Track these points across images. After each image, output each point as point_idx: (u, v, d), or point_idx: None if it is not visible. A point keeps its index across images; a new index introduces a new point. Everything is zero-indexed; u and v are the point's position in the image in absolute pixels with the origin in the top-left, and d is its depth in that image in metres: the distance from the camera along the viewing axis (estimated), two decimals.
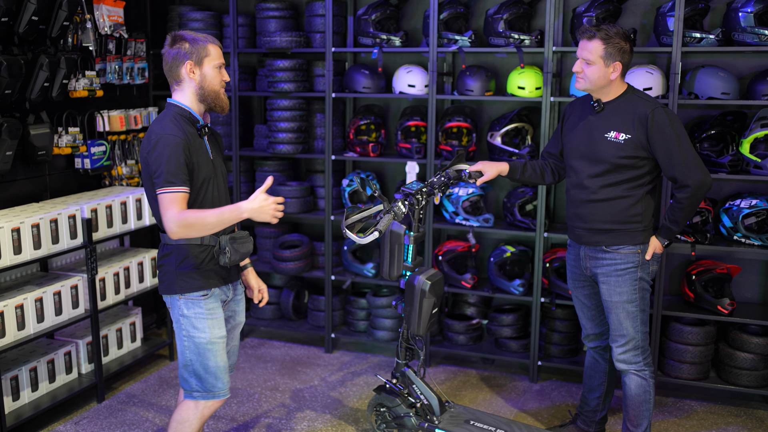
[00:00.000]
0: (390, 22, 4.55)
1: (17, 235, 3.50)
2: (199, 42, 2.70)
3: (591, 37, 3.05)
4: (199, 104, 2.76)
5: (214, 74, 2.73)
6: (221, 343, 2.79)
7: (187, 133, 2.66)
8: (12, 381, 3.62)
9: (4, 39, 3.65)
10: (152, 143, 2.61)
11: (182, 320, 2.76)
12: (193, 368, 2.78)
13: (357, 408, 4.01)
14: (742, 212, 3.89)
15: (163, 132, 2.61)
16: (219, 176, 2.81)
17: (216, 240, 2.74)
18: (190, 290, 2.74)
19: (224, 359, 2.82)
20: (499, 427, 3.31)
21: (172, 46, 2.71)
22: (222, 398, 2.83)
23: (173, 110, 2.72)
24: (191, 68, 2.70)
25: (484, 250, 4.75)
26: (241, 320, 3.01)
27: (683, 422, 3.87)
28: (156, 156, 2.59)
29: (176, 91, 2.76)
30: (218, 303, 2.81)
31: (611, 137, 3.09)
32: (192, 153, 2.66)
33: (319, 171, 4.88)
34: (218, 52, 2.75)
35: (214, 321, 2.77)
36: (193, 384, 2.80)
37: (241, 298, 2.99)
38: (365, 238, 3.05)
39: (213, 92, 2.74)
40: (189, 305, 2.75)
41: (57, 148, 4.04)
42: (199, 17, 4.81)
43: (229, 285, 2.87)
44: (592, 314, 3.41)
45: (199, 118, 2.76)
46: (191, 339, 2.76)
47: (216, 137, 2.90)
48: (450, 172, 3.33)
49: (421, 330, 3.22)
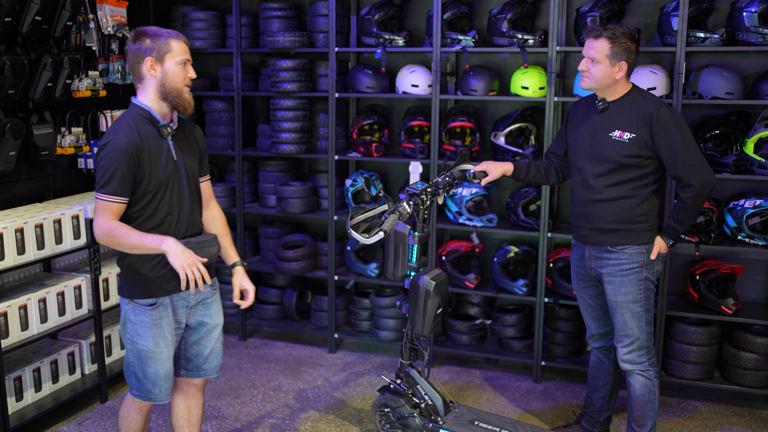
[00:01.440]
0: (393, 21, 4.54)
1: (20, 235, 3.50)
2: (161, 38, 2.62)
3: (597, 36, 3.05)
4: (161, 103, 2.67)
5: (177, 71, 2.64)
6: (165, 352, 2.76)
7: (143, 136, 2.61)
8: (15, 381, 3.61)
9: (8, 39, 3.65)
10: (101, 145, 2.57)
11: (129, 325, 2.75)
12: (133, 370, 2.79)
13: (361, 408, 4.01)
14: (746, 212, 3.89)
15: (113, 137, 2.56)
16: (183, 177, 2.73)
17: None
18: (138, 297, 2.70)
19: (166, 367, 2.78)
20: (504, 428, 3.30)
21: (134, 42, 2.64)
22: (158, 403, 2.83)
23: (132, 111, 2.66)
24: (152, 65, 2.62)
25: (487, 250, 4.75)
26: (217, 322, 2.92)
27: (687, 422, 3.87)
28: (100, 160, 2.56)
29: (139, 90, 2.68)
30: (168, 311, 2.74)
31: (616, 136, 3.09)
32: (144, 159, 2.60)
33: (323, 171, 4.88)
34: (182, 48, 2.66)
35: (159, 331, 2.73)
36: (133, 382, 2.82)
37: (212, 301, 2.90)
38: (370, 238, 3.05)
39: (175, 90, 2.64)
40: (136, 312, 2.72)
41: (60, 148, 4.04)
42: (201, 17, 4.81)
43: (188, 290, 2.78)
44: (596, 314, 3.41)
45: (159, 118, 2.67)
46: (134, 344, 2.74)
47: (190, 134, 2.83)
48: (454, 172, 3.32)
49: (426, 330, 3.21)
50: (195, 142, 2.85)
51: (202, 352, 2.93)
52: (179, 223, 2.74)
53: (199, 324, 2.89)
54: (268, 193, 4.94)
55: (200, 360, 2.94)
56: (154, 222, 2.68)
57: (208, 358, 2.94)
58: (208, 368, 2.97)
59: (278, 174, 4.91)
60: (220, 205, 4.92)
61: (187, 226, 2.77)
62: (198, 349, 2.92)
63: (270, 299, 5.08)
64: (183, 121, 2.84)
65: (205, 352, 2.93)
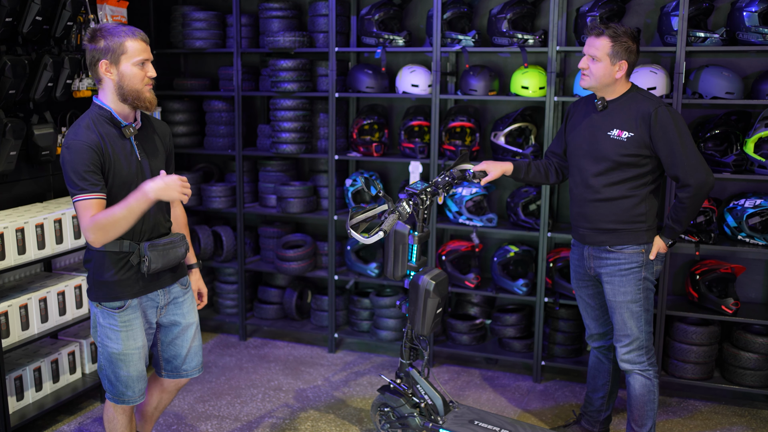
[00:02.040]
0: (393, 21, 4.54)
1: (21, 235, 3.50)
2: (116, 38, 2.53)
3: (599, 34, 3.05)
4: (120, 104, 2.61)
5: (134, 72, 2.56)
6: (136, 354, 2.74)
7: (104, 136, 2.56)
8: (16, 381, 3.62)
9: (8, 39, 3.65)
10: (63, 150, 2.53)
11: (99, 328, 2.74)
12: (105, 373, 2.78)
13: (361, 408, 4.01)
14: (747, 212, 3.89)
15: (73, 138, 2.52)
16: (147, 176, 2.67)
17: (135, 246, 2.65)
18: (105, 300, 2.68)
19: (138, 369, 2.77)
20: (503, 427, 3.31)
21: (89, 42, 2.57)
22: (133, 404, 2.83)
23: (93, 112, 2.62)
24: (107, 68, 2.55)
25: (487, 250, 4.75)
26: (191, 321, 2.91)
27: (687, 422, 3.87)
28: (65, 163, 2.52)
29: (99, 90, 2.63)
30: (137, 313, 2.73)
31: (614, 135, 3.09)
32: (106, 159, 2.55)
33: (323, 171, 4.88)
34: (139, 47, 2.57)
35: (128, 333, 2.71)
36: (106, 386, 2.81)
37: (185, 300, 2.88)
38: (370, 238, 3.05)
39: (133, 91, 2.58)
40: (105, 315, 2.70)
41: (61, 148, 4.04)
42: (202, 17, 4.81)
43: (158, 291, 2.78)
44: (596, 314, 3.41)
45: (120, 119, 2.62)
46: (104, 347, 2.73)
47: (155, 133, 2.77)
48: (454, 171, 3.33)
49: (426, 330, 3.22)
50: (160, 141, 2.79)
51: (179, 352, 2.91)
52: (145, 225, 2.69)
53: (172, 324, 2.87)
54: (269, 193, 4.95)
55: (179, 361, 2.92)
56: None
57: (186, 358, 2.92)
58: (188, 368, 2.95)
59: (278, 174, 4.92)
60: (220, 204, 4.93)
61: (153, 227, 2.73)
62: (175, 350, 2.91)
63: (270, 299, 5.09)
64: (148, 119, 2.78)
65: (182, 353, 2.91)
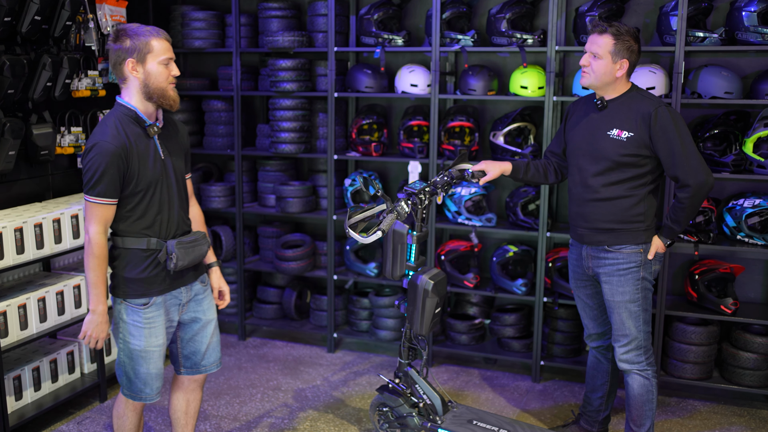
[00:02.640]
0: (392, 21, 4.54)
1: (20, 234, 3.50)
2: (141, 37, 2.59)
3: (602, 32, 3.05)
4: (146, 102, 2.66)
5: (159, 71, 2.62)
6: (157, 351, 2.77)
7: (130, 137, 2.61)
8: (15, 381, 3.62)
9: (7, 39, 3.65)
10: (88, 147, 2.57)
11: (121, 324, 2.75)
12: (124, 369, 2.80)
13: (359, 408, 4.01)
14: (746, 212, 3.88)
15: (100, 139, 2.56)
16: (171, 176, 2.74)
17: (162, 244, 2.70)
18: (131, 296, 2.71)
19: (158, 366, 2.80)
20: (502, 427, 3.31)
21: (114, 42, 2.61)
22: (149, 402, 2.85)
23: (119, 111, 2.66)
24: (133, 66, 2.61)
25: (486, 250, 4.75)
26: (210, 317, 2.95)
27: (686, 422, 3.87)
28: (87, 161, 2.56)
29: (123, 89, 2.67)
30: (160, 311, 2.76)
31: (614, 135, 3.08)
32: (132, 159, 2.60)
33: (322, 170, 4.88)
34: (164, 47, 2.63)
35: (151, 330, 2.74)
36: (123, 382, 2.82)
37: (204, 297, 2.93)
38: (368, 237, 3.05)
39: (159, 89, 2.63)
40: (129, 311, 2.73)
41: (59, 147, 4.05)
42: (201, 17, 4.81)
43: (181, 288, 2.82)
44: (594, 314, 3.41)
45: (145, 118, 2.67)
46: (126, 344, 2.75)
47: (175, 132, 2.83)
48: (453, 171, 3.33)
49: (424, 330, 3.22)
50: (180, 140, 2.85)
51: (199, 348, 2.95)
52: (170, 223, 2.75)
53: (192, 320, 2.91)
54: (268, 193, 4.94)
55: (198, 357, 2.96)
56: (145, 222, 2.68)
57: (205, 354, 2.97)
58: (206, 364, 2.99)
59: (277, 174, 4.92)
60: (219, 204, 4.93)
61: (177, 225, 2.78)
62: (194, 346, 2.94)
63: (269, 299, 5.08)
64: (168, 118, 2.83)
65: (201, 349, 2.95)
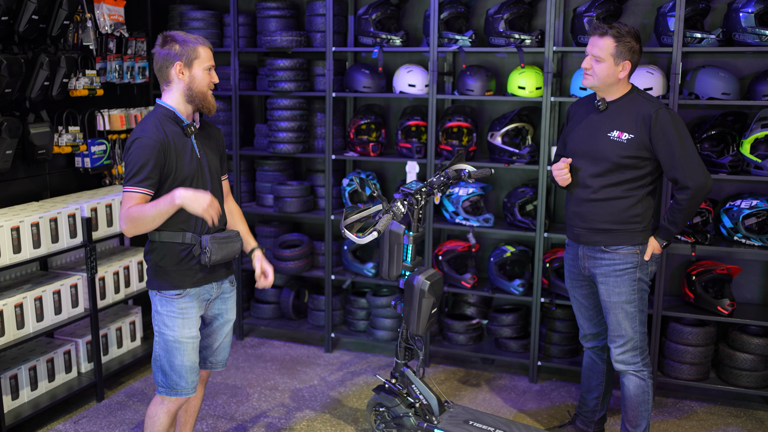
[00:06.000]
0: (390, 21, 4.54)
1: (17, 234, 3.50)
2: (190, 44, 2.73)
3: (603, 34, 3.04)
4: (186, 105, 2.79)
5: (203, 76, 2.76)
6: (191, 343, 2.83)
7: (168, 135, 2.71)
8: (11, 380, 3.62)
9: (5, 38, 3.65)
10: (129, 143, 2.69)
11: (156, 316, 2.83)
12: (160, 363, 2.84)
13: (356, 408, 4.01)
14: (743, 213, 3.89)
15: (141, 134, 2.67)
16: (206, 173, 2.83)
17: (197, 239, 2.77)
18: (165, 288, 2.79)
19: (192, 359, 2.85)
20: (498, 428, 3.31)
21: (162, 47, 2.75)
22: (185, 396, 2.87)
23: (159, 111, 2.77)
24: (180, 69, 2.73)
25: (484, 250, 4.75)
26: (231, 318, 3.02)
27: (683, 423, 3.87)
28: (129, 155, 2.66)
29: (165, 92, 2.80)
30: (193, 303, 2.82)
31: (614, 136, 3.08)
32: (170, 154, 2.70)
33: (320, 170, 4.88)
34: (208, 54, 2.78)
35: (185, 321, 2.80)
36: (159, 379, 2.86)
37: (230, 297, 3.00)
38: (364, 238, 3.05)
39: (201, 93, 2.77)
40: (163, 302, 2.80)
41: (57, 147, 4.05)
42: (199, 16, 4.81)
43: (212, 284, 2.89)
44: (589, 314, 3.41)
45: (183, 118, 2.78)
46: (161, 335, 2.82)
47: (212, 134, 2.95)
48: (449, 171, 3.33)
49: (420, 330, 3.22)
50: (216, 142, 2.96)
51: (212, 344, 3.01)
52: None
53: (214, 317, 2.97)
54: (266, 193, 4.94)
55: (208, 351, 3.02)
56: (182, 216, 2.74)
57: (216, 351, 3.03)
58: (215, 361, 3.05)
59: (275, 173, 4.92)
60: None
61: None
62: (208, 341, 3.01)
63: (267, 298, 5.09)
64: (205, 122, 2.95)
65: (214, 345, 3.02)
